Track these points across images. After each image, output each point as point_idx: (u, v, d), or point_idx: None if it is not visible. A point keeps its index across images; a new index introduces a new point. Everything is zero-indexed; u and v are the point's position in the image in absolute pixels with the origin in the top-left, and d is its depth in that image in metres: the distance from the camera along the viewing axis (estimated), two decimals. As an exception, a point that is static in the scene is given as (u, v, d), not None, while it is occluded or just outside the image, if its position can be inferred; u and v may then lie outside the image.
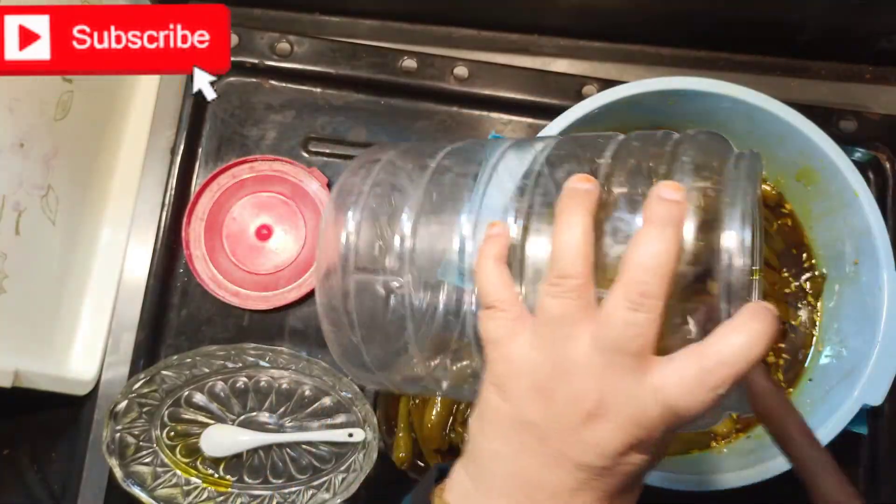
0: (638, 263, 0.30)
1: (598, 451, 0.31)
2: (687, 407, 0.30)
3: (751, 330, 0.29)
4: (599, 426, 0.31)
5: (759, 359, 0.29)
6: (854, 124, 0.66)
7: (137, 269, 0.65)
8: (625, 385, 0.30)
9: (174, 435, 0.60)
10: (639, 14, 0.70)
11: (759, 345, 0.29)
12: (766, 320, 0.29)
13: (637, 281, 0.30)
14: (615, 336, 0.30)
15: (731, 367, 0.29)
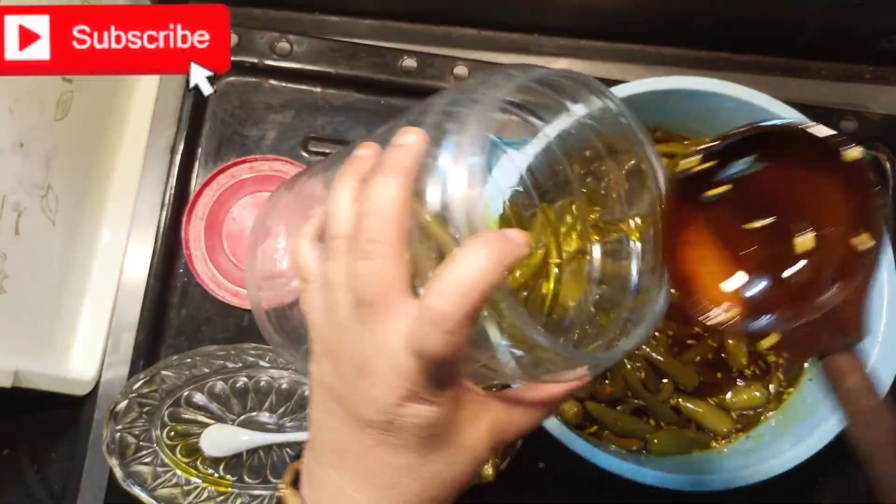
0: (364, 213, 0.31)
1: (374, 406, 0.31)
2: (427, 350, 0.29)
3: (467, 257, 0.28)
4: (369, 382, 0.31)
5: (480, 287, 0.28)
6: (854, 124, 0.66)
7: (137, 269, 0.65)
8: (377, 337, 0.30)
9: (174, 435, 0.60)
10: (639, 14, 0.70)
11: (477, 272, 0.28)
12: (485, 246, 0.28)
13: (365, 229, 0.30)
14: (355, 287, 0.31)
15: (447, 298, 0.28)
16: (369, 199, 0.31)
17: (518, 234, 0.29)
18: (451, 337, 0.28)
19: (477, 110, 0.31)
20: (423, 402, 0.31)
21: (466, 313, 0.28)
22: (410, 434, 0.32)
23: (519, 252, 0.28)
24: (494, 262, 0.28)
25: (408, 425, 0.31)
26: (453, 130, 0.31)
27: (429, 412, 0.31)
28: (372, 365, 0.31)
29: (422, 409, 0.31)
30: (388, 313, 0.30)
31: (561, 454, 0.51)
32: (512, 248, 0.28)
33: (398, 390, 0.30)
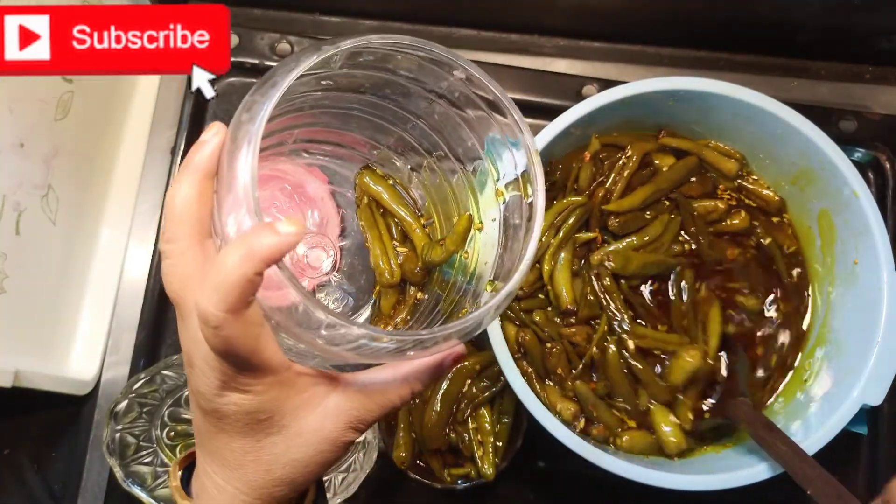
0: (164, 213, 0.33)
1: (202, 397, 0.33)
2: (208, 341, 0.30)
3: (222, 257, 0.29)
4: (193, 374, 0.33)
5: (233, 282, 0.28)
6: (854, 124, 0.66)
7: (137, 268, 0.65)
8: (188, 331, 0.32)
9: (174, 435, 0.60)
10: (639, 14, 0.70)
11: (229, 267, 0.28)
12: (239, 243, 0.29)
13: (162, 229, 0.33)
14: (165, 287, 0.33)
15: (205, 295, 0.29)
16: (167, 201, 0.33)
17: (286, 224, 0.29)
18: (221, 332, 0.29)
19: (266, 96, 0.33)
20: (237, 390, 0.32)
21: (226, 308, 0.29)
22: (236, 421, 0.33)
23: (284, 241, 0.29)
24: (247, 256, 0.28)
25: (230, 413, 0.33)
26: (246, 121, 0.33)
27: (245, 400, 0.33)
28: (192, 358, 0.33)
29: (238, 398, 0.33)
30: (190, 309, 0.32)
31: (561, 454, 0.51)
32: (273, 239, 0.29)
33: (213, 381, 0.32)
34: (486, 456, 0.57)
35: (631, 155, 0.59)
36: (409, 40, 0.36)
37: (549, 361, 0.56)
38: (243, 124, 0.33)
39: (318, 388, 0.35)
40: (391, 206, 0.50)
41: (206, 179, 0.33)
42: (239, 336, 0.30)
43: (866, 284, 0.56)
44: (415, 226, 0.50)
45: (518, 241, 0.39)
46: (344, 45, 0.35)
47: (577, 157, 0.60)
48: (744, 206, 0.61)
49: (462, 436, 0.58)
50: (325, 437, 0.35)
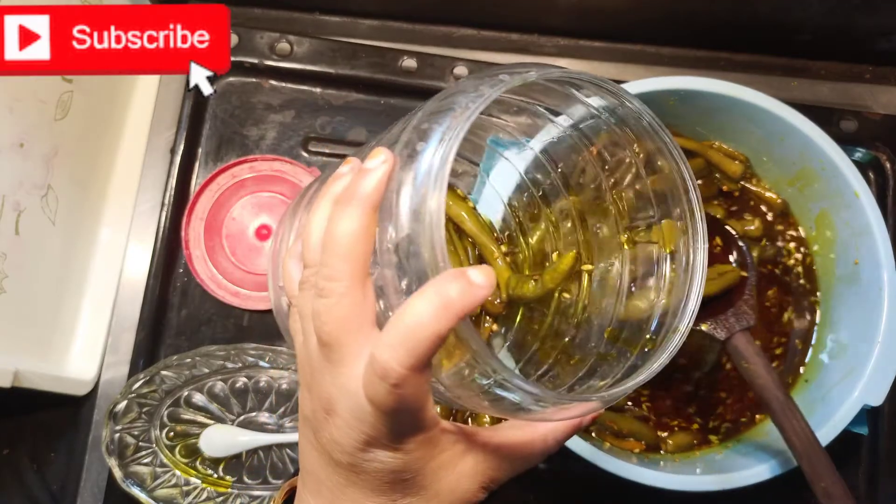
0: (324, 247, 0.29)
1: (339, 448, 0.30)
2: (377, 401, 0.28)
3: (414, 306, 0.26)
4: (333, 423, 0.30)
5: (426, 339, 0.26)
6: (854, 124, 0.66)
7: (137, 269, 0.65)
8: (338, 378, 0.29)
9: (174, 435, 0.60)
10: (639, 14, 0.70)
11: (420, 323, 0.26)
12: (433, 292, 0.26)
13: (320, 264, 0.29)
14: (316, 326, 0.30)
15: (390, 350, 0.26)
16: (328, 232, 0.29)
17: (479, 274, 0.27)
18: (398, 390, 0.27)
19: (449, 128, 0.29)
20: (386, 448, 0.30)
21: (412, 366, 0.26)
22: (375, 479, 0.31)
23: (477, 295, 0.26)
24: (442, 311, 0.26)
25: (371, 470, 0.30)
26: (422, 151, 0.29)
27: (392, 459, 0.30)
28: (335, 406, 0.30)
29: (385, 455, 0.30)
30: (345, 354, 0.29)
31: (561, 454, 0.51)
32: (466, 292, 0.26)
33: (360, 435, 0.29)
34: (486, 456, 0.57)
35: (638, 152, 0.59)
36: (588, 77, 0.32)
37: (549, 361, 0.56)
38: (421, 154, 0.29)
39: (458, 446, 0.32)
40: (472, 229, 0.46)
41: (372, 212, 0.29)
42: (415, 393, 0.27)
43: (867, 284, 0.56)
44: (496, 254, 0.46)
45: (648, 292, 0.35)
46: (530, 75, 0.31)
47: (579, 156, 0.60)
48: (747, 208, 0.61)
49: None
50: (458, 497, 0.32)
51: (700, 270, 0.34)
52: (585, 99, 0.35)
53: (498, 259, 0.45)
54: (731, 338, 0.51)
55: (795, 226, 0.62)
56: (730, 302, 0.52)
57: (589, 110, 0.36)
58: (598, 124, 0.36)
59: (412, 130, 0.30)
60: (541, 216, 0.44)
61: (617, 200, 0.39)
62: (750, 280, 0.54)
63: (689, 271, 0.34)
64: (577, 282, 0.41)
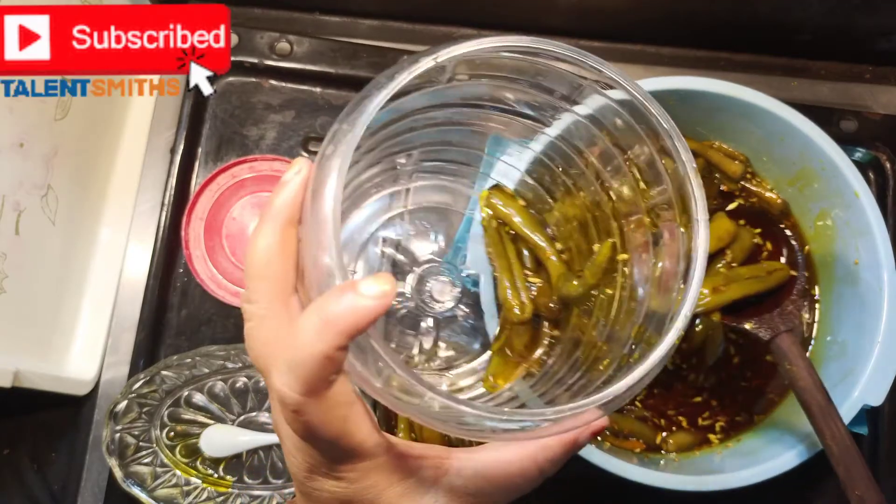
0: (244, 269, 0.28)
1: (293, 476, 0.29)
2: (291, 425, 0.26)
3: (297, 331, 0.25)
4: (284, 451, 0.29)
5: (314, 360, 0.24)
6: (854, 124, 0.66)
7: (137, 269, 0.65)
8: (272, 400, 0.28)
9: (174, 435, 0.60)
10: (639, 14, 0.70)
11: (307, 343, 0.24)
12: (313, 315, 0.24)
13: (245, 287, 0.28)
14: (247, 349, 0.28)
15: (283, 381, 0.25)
16: (247, 252, 0.28)
17: (372, 284, 0.24)
18: (301, 417, 0.26)
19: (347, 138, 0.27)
20: (328, 476, 0.28)
21: (305, 391, 0.25)
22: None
23: (368, 308, 0.24)
24: (323, 330, 0.24)
25: (323, 500, 0.29)
26: (330, 154, 0.28)
27: (337, 487, 0.28)
28: (280, 435, 0.29)
29: (330, 485, 0.28)
30: (271, 380, 0.27)
31: (561, 454, 0.51)
32: (351, 308, 0.24)
33: (302, 463, 0.28)
34: (486, 456, 0.57)
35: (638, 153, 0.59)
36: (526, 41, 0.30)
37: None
38: (328, 158, 0.28)
39: (426, 472, 0.30)
40: (523, 230, 0.43)
41: (289, 226, 0.28)
42: (322, 420, 0.26)
43: (867, 284, 0.56)
44: (549, 252, 0.43)
45: (672, 281, 0.32)
46: (443, 55, 0.29)
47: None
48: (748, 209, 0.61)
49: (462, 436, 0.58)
50: None
51: (700, 249, 0.31)
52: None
53: (552, 256, 0.43)
54: (776, 338, 0.50)
55: (795, 226, 0.62)
56: (776, 302, 0.52)
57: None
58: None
59: (326, 137, 0.29)
60: (553, 213, 0.44)
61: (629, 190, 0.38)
62: (799, 280, 0.53)
63: (693, 247, 0.32)
64: (615, 276, 0.39)
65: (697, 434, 0.58)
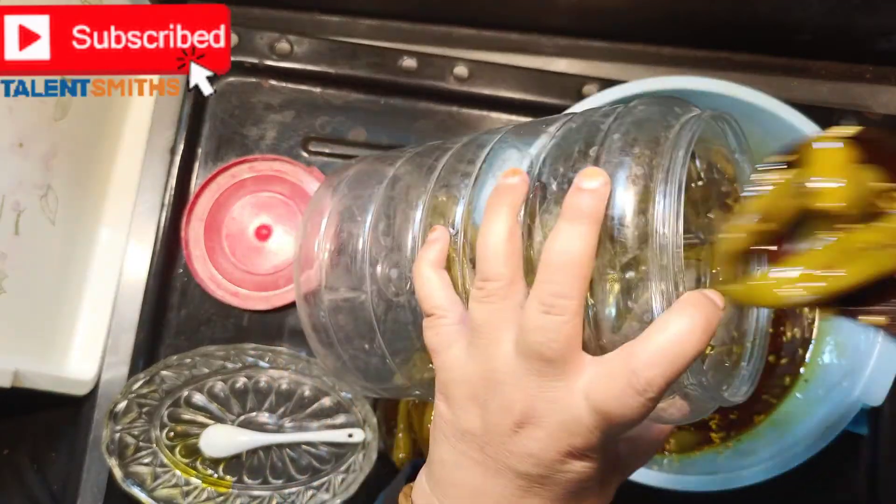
0: (548, 262, 0.29)
1: (532, 460, 0.30)
2: (619, 413, 0.28)
3: (679, 325, 0.28)
4: (530, 435, 0.30)
5: (691, 356, 0.27)
6: (854, 124, 0.66)
7: (137, 269, 0.65)
8: (550, 392, 0.29)
9: (174, 435, 0.60)
10: (639, 14, 0.70)
11: (689, 341, 0.27)
12: (697, 312, 0.28)
13: (548, 281, 0.29)
14: (531, 341, 0.29)
15: (658, 367, 0.27)
16: (554, 249, 0.29)
17: (717, 296, 0.28)
18: (651, 403, 0.28)
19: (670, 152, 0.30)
20: (586, 458, 0.30)
21: (671, 381, 0.27)
22: (564, 488, 0.31)
23: (721, 316, 0.28)
24: (704, 329, 0.27)
25: (564, 480, 0.31)
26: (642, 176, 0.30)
27: (589, 469, 0.30)
28: (538, 419, 0.30)
29: (582, 466, 0.30)
30: (567, 370, 0.29)
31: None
32: (716, 313, 0.28)
33: (564, 447, 0.30)
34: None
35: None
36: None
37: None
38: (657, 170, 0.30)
39: (621, 446, 0.34)
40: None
41: (598, 232, 0.30)
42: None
43: (866, 284, 0.55)
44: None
45: None
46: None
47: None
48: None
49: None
50: (606, 500, 0.33)
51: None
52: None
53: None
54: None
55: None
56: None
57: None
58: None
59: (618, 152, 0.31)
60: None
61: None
62: None
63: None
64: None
65: (698, 434, 0.58)
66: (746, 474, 0.52)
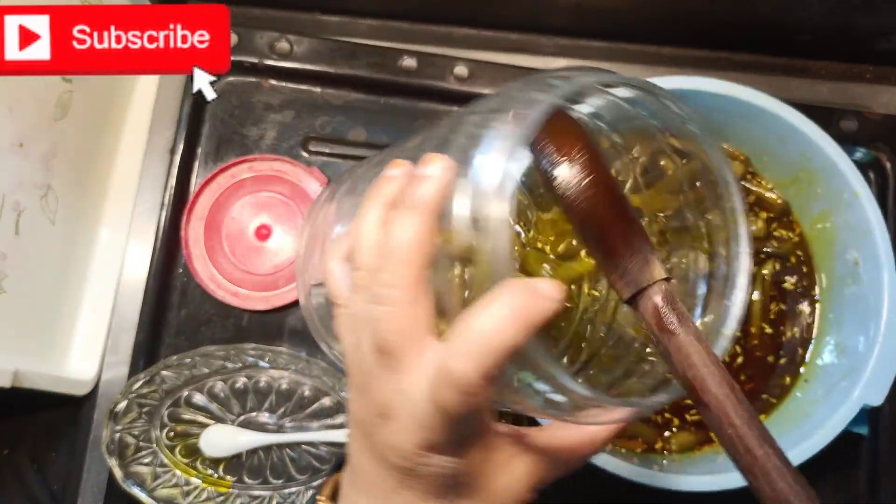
0: (383, 252, 0.29)
1: (395, 452, 0.30)
2: (448, 408, 0.27)
3: (487, 315, 0.26)
4: (389, 428, 0.30)
5: (503, 349, 0.26)
6: (854, 124, 0.66)
7: (137, 269, 0.65)
8: (397, 384, 0.29)
9: (174, 435, 0.60)
10: (639, 14, 0.70)
11: (497, 333, 0.26)
12: (511, 301, 0.26)
13: (381, 270, 0.29)
14: (370, 334, 0.29)
15: (468, 360, 0.26)
16: (387, 238, 0.29)
17: (550, 287, 0.26)
18: (471, 399, 0.27)
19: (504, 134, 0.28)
20: (444, 452, 0.30)
21: (487, 375, 0.26)
22: (432, 483, 0.30)
23: (549, 308, 0.26)
24: (518, 323, 0.26)
25: (428, 474, 0.30)
26: (475, 154, 0.28)
27: (451, 463, 0.30)
28: (393, 411, 0.29)
29: (443, 461, 0.30)
30: (405, 362, 0.28)
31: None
32: (541, 305, 0.26)
33: (420, 440, 0.29)
34: (486, 456, 0.57)
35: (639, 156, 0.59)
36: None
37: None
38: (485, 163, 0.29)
39: (511, 448, 0.32)
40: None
41: (433, 220, 0.29)
42: (483, 402, 0.28)
43: (867, 284, 0.56)
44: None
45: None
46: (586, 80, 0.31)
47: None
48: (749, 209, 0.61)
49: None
50: (510, 498, 0.32)
51: (744, 273, 0.33)
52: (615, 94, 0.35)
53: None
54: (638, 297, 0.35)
55: (795, 226, 0.62)
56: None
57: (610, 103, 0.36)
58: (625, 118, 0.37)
59: (466, 137, 0.30)
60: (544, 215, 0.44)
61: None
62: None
63: (730, 277, 0.33)
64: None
65: (699, 433, 0.58)
66: (746, 474, 0.52)
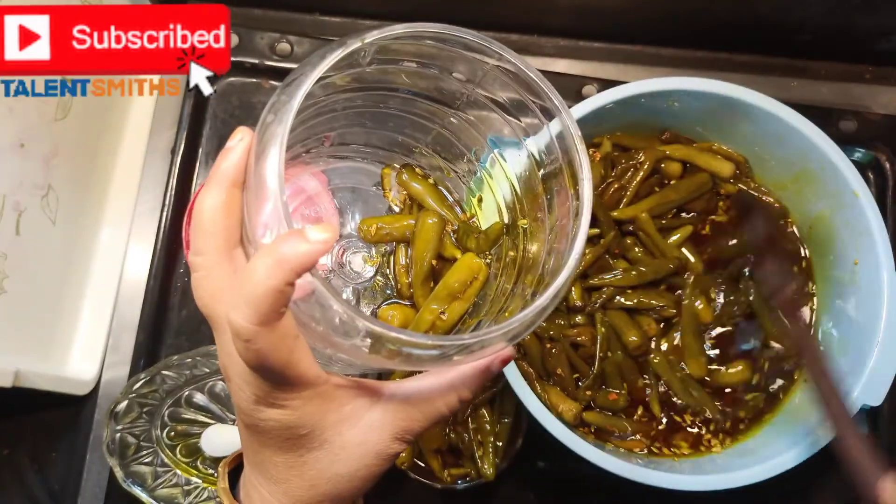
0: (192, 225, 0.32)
1: (240, 411, 0.33)
2: (242, 355, 0.29)
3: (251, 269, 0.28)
4: (231, 388, 0.32)
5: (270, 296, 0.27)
6: (854, 124, 0.66)
7: (137, 269, 0.65)
8: (223, 347, 0.32)
9: (174, 435, 0.60)
10: (639, 14, 0.70)
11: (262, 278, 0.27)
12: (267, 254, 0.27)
13: (192, 241, 0.32)
14: (195, 298, 0.32)
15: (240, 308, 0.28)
16: (194, 211, 0.32)
17: (317, 231, 0.27)
18: (253, 346, 0.28)
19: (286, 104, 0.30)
20: (274, 405, 0.31)
21: (258, 321, 0.28)
22: (276, 436, 0.32)
23: (312, 250, 0.27)
24: (283, 266, 0.27)
25: (269, 429, 0.32)
26: (271, 122, 0.31)
27: (283, 415, 0.32)
28: (228, 373, 0.32)
29: (275, 413, 0.32)
30: (222, 323, 0.31)
31: (561, 454, 0.51)
32: (300, 249, 0.27)
33: (250, 395, 0.31)
34: (486, 456, 0.57)
35: (644, 161, 0.59)
36: (438, 28, 0.35)
37: (548, 362, 0.56)
38: (269, 126, 0.31)
39: (360, 400, 0.34)
40: (433, 206, 0.48)
41: (233, 187, 0.32)
42: (272, 349, 0.29)
43: (866, 285, 0.56)
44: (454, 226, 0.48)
45: (566, 239, 0.36)
46: (370, 37, 0.34)
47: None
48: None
49: (462, 436, 0.58)
50: (369, 450, 0.34)
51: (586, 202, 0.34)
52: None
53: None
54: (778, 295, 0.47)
55: (795, 226, 0.62)
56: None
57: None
58: None
59: (266, 107, 0.32)
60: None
61: None
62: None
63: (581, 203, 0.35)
64: (516, 241, 0.43)
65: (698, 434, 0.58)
66: (746, 474, 0.52)
